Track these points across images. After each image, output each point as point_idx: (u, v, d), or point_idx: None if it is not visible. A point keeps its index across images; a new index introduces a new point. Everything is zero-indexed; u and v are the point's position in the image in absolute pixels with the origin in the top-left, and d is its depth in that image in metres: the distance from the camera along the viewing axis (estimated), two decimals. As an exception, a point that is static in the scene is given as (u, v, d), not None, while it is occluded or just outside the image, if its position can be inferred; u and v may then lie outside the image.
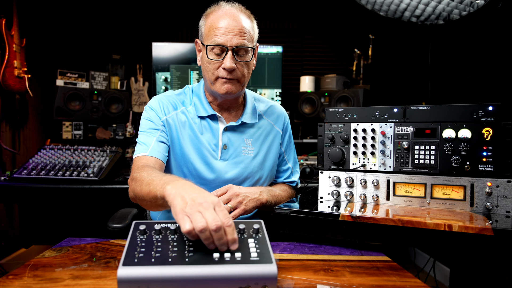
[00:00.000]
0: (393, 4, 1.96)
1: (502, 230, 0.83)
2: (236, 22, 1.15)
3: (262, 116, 1.36)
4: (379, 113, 1.14)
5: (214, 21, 1.16)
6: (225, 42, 1.14)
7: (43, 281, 0.76)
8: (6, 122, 2.55)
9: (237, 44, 1.15)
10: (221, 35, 1.14)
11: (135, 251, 0.70)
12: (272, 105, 1.41)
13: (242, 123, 1.29)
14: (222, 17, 1.16)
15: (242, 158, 1.27)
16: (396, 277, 0.82)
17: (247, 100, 1.34)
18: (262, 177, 1.32)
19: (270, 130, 1.36)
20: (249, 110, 1.32)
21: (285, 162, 1.42)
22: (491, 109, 1.02)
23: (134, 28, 3.20)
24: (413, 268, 2.71)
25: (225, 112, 1.30)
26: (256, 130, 1.32)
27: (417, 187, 1.08)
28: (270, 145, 1.34)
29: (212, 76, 1.19)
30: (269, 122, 1.36)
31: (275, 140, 1.36)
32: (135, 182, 1.04)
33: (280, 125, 1.39)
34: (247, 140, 1.29)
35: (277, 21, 3.27)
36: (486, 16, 2.10)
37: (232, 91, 1.19)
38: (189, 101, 1.29)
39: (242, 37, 1.15)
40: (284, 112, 1.43)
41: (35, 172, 1.90)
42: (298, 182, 1.47)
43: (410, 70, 3.12)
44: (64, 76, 2.74)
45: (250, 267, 0.68)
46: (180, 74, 2.69)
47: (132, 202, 1.13)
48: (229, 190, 1.14)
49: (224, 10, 1.18)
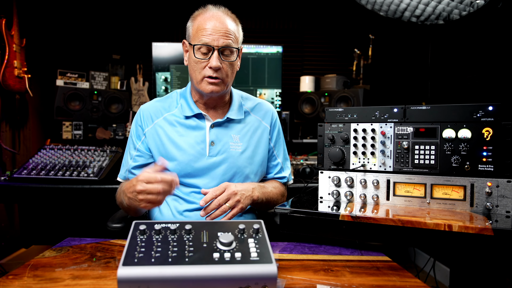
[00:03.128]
0: (393, 4, 1.96)
1: (502, 230, 0.83)
2: (222, 24, 1.22)
3: (250, 113, 1.39)
4: (379, 113, 1.14)
5: (201, 23, 1.23)
6: (212, 42, 1.20)
7: (43, 281, 0.76)
8: (6, 122, 2.55)
9: (223, 44, 1.21)
10: (208, 35, 1.20)
11: (135, 251, 0.70)
12: (260, 102, 1.45)
13: (228, 119, 1.32)
14: (209, 19, 1.22)
15: (230, 153, 1.30)
16: (396, 277, 0.82)
17: (233, 98, 1.38)
18: (252, 172, 1.33)
19: (258, 125, 1.38)
20: (235, 107, 1.35)
21: (274, 157, 1.43)
22: (491, 109, 1.01)
23: (134, 28, 3.20)
24: (413, 268, 2.71)
25: (212, 110, 1.34)
26: (244, 126, 1.35)
27: (417, 187, 1.08)
28: (259, 141, 1.37)
29: (199, 75, 1.24)
30: (256, 118, 1.39)
31: (264, 135, 1.38)
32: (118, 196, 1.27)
33: (268, 121, 1.41)
34: (235, 136, 1.32)
35: (277, 21, 3.27)
36: (486, 16, 2.10)
37: (216, 91, 1.25)
38: (175, 103, 1.35)
39: (228, 38, 1.22)
40: (272, 109, 1.46)
41: (35, 172, 1.90)
42: (289, 178, 1.48)
43: (410, 70, 3.12)
44: (64, 76, 2.74)
45: (250, 267, 0.68)
46: (180, 74, 2.69)
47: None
48: (226, 188, 1.15)
49: (211, 12, 1.24)
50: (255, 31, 3.22)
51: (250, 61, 2.70)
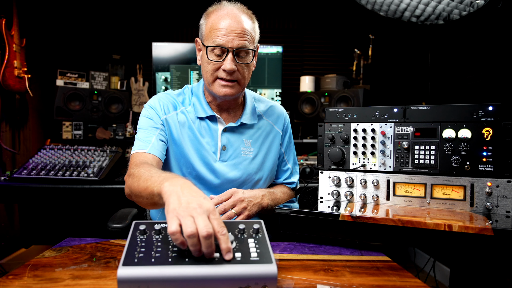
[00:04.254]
0: (393, 4, 1.96)
1: (502, 230, 0.83)
2: (238, 23, 1.14)
3: (262, 117, 1.34)
4: (379, 113, 1.14)
5: (215, 21, 1.15)
6: (226, 44, 1.13)
7: (43, 281, 0.76)
8: (6, 122, 2.55)
9: (238, 46, 1.14)
10: (222, 36, 1.13)
11: (135, 251, 0.70)
12: (272, 105, 1.40)
13: (241, 124, 1.28)
14: (224, 17, 1.14)
15: (241, 159, 1.27)
16: (396, 277, 0.82)
17: (247, 101, 1.32)
18: (262, 178, 1.31)
19: (270, 130, 1.35)
20: (249, 111, 1.30)
21: (285, 163, 1.41)
22: (491, 109, 1.01)
23: (134, 28, 3.20)
24: (413, 268, 2.71)
25: (225, 112, 1.29)
26: (256, 131, 1.31)
27: (417, 187, 1.08)
28: (270, 146, 1.33)
29: (211, 76, 1.18)
30: (269, 122, 1.35)
31: (275, 141, 1.35)
32: (132, 178, 1.02)
33: (280, 126, 1.37)
34: (247, 141, 1.28)
35: (277, 21, 3.27)
36: (486, 16, 2.09)
37: (231, 94, 1.19)
38: (188, 101, 1.28)
39: (243, 39, 1.14)
40: (285, 112, 1.42)
41: (35, 172, 1.90)
42: (297, 183, 1.46)
43: (410, 70, 3.12)
44: (64, 76, 2.74)
45: (250, 267, 0.68)
46: (180, 74, 2.69)
47: (128, 199, 1.10)
48: (233, 195, 1.11)
49: (226, 10, 1.16)
50: (255, 31, 3.22)
51: (250, 61, 2.69)
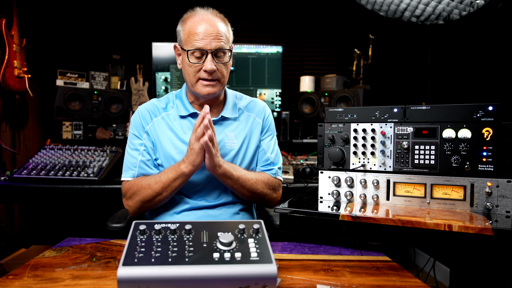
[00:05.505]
0: (393, 4, 1.96)
1: (502, 230, 0.83)
2: (213, 26, 1.23)
3: (244, 111, 1.41)
4: (379, 113, 1.14)
5: (192, 27, 1.24)
6: (205, 46, 1.22)
7: (43, 281, 0.76)
8: (6, 122, 2.55)
9: (216, 47, 1.23)
10: (200, 39, 1.22)
11: (135, 251, 0.70)
12: (253, 100, 1.46)
13: (222, 117, 1.34)
14: (200, 22, 1.23)
15: (226, 150, 1.31)
16: (396, 277, 0.82)
17: (228, 97, 1.40)
18: (244, 166, 1.34)
19: (252, 122, 1.40)
20: (230, 106, 1.37)
21: (264, 152, 1.41)
22: (491, 109, 1.01)
23: (134, 28, 3.20)
24: (413, 268, 2.71)
25: None
26: (238, 124, 1.37)
27: (417, 187, 1.08)
28: (251, 135, 1.38)
29: (194, 78, 1.26)
30: (250, 115, 1.41)
31: (256, 130, 1.39)
32: (140, 192, 1.23)
33: (260, 117, 1.42)
34: (230, 134, 1.34)
35: (277, 21, 3.27)
36: (486, 16, 2.10)
37: (213, 92, 1.27)
38: (172, 104, 1.37)
39: (220, 40, 1.23)
40: (266, 106, 1.47)
41: (35, 172, 1.90)
42: (277, 172, 1.42)
43: (410, 70, 3.12)
44: (64, 76, 2.74)
45: (250, 267, 0.68)
46: (180, 74, 2.69)
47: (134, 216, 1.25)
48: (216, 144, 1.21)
49: (200, 16, 1.25)
50: (255, 31, 3.22)
51: (250, 61, 2.70)
